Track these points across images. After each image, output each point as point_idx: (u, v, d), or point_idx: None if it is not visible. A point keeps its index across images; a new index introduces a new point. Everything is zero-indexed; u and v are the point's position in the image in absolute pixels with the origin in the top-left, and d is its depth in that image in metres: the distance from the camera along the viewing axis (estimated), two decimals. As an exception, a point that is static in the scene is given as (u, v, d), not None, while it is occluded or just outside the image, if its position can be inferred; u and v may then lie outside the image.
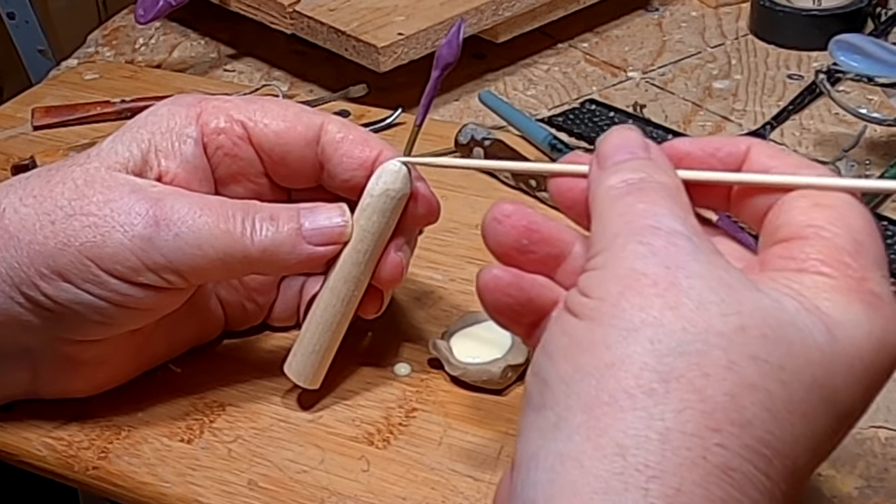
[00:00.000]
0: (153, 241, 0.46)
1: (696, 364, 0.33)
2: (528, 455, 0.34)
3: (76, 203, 0.47)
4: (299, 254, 0.48)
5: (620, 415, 0.33)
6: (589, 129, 0.70)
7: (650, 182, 0.38)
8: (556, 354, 0.35)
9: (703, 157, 0.41)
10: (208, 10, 0.87)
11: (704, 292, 0.34)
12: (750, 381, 0.33)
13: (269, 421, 0.51)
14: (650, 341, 0.33)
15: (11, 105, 0.80)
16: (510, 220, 0.42)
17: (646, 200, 0.37)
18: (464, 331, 0.54)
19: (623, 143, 0.40)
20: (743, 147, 0.41)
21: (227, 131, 0.50)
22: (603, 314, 0.35)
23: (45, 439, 0.51)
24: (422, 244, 0.61)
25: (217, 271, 0.48)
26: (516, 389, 0.52)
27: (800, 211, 0.38)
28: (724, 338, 0.33)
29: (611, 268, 0.36)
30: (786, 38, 0.84)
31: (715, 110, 0.77)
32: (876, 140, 0.72)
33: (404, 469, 0.49)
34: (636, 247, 0.36)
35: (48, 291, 0.46)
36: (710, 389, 0.33)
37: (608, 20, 0.89)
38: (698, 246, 0.36)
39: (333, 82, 0.82)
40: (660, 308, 0.34)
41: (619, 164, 0.39)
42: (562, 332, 0.36)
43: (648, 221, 0.36)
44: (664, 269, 0.35)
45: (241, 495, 0.48)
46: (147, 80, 0.82)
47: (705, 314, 0.34)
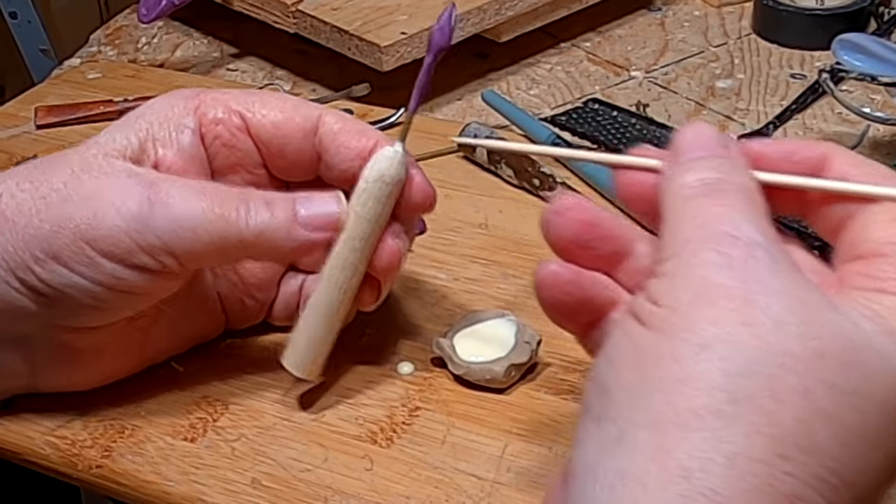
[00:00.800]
0: (148, 222, 0.46)
1: (768, 387, 0.31)
2: (586, 467, 0.33)
3: (72, 186, 0.47)
4: (294, 239, 0.48)
5: (687, 435, 0.31)
6: (592, 129, 0.70)
7: (729, 183, 0.36)
8: (620, 364, 0.34)
9: (779, 159, 0.39)
10: (211, 9, 0.87)
11: (783, 312, 0.32)
12: (825, 411, 0.31)
13: (273, 420, 0.51)
14: (722, 359, 0.32)
15: (14, 104, 0.80)
16: (571, 213, 0.40)
17: (723, 204, 0.35)
18: (467, 330, 0.54)
19: (701, 139, 0.38)
20: (821, 152, 0.39)
21: (224, 122, 0.50)
22: (672, 325, 0.33)
23: (48, 438, 0.51)
24: (425, 243, 0.62)
25: (211, 255, 0.48)
26: (519, 388, 0.52)
27: (880, 226, 0.36)
28: (802, 363, 0.32)
29: (682, 276, 0.34)
30: (789, 38, 0.84)
31: (718, 110, 0.77)
32: (879, 139, 0.72)
33: (408, 468, 0.49)
34: (711, 255, 0.34)
35: (43, 275, 0.46)
36: (782, 414, 0.31)
37: (611, 19, 0.89)
38: (777, 259, 0.34)
39: (336, 81, 0.82)
40: (734, 324, 0.32)
41: (695, 160, 0.37)
42: (627, 340, 0.34)
43: (725, 228, 0.34)
44: (741, 282, 0.33)
45: (244, 494, 0.48)
46: (150, 80, 0.82)
47: (783, 336, 0.32)
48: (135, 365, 0.53)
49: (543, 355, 0.53)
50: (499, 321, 0.54)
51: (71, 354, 0.50)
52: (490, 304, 0.57)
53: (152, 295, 0.49)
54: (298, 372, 0.51)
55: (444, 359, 0.53)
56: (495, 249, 0.62)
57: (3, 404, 0.52)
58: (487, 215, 0.65)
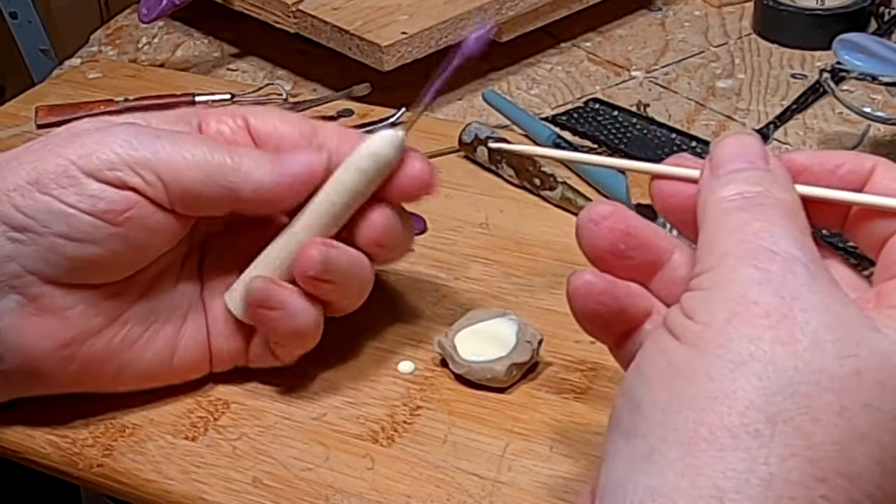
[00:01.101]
0: (132, 143, 0.48)
1: (805, 407, 0.31)
2: (615, 484, 0.32)
3: (63, 132, 0.49)
4: (276, 174, 0.48)
5: (721, 454, 0.31)
6: (592, 129, 0.70)
7: (768, 197, 0.36)
8: (652, 379, 0.33)
9: (823, 173, 0.38)
10: (211, 9, 0.87)
11: (820, 329, 0.32)
12: (862, 431, 0.31)
13: (274, 419, 0.51)
14: (758, 377, 0.31)
15: (15, 104, 0.80)
16: (608, 221, 0.39)
17: (762, 218, 0.35)
18: (468, 329, 0.54)
19: (741, 151, 0.37)
20: (868, 165, 0.38)
21: (227, 122, 0.52)
22: (708, 342, 0.33)
23: (49, 437, 0.51)
24: (426, 243, 0.62)
25: (196, 182, 0.48)
26: (520, 388, 0.52)
27: None
28: (839, 382, 0.31)
29: (719, 291, 0.34)
30: (789, 38, 0.84)
31: (718, 109, 0.77)
32: (880, 139, 0.72)
33: (409, 467, 0.49)
34: (749, 271, 0.33)
35: (20, 203, 0.47)
36: (819, 436, 0.31)
37: (611, 19, 0.89)
38: (816, 275, 0.33)
39: (337, 81, 0.82)
40: (771, 342, 0.32)
41: (735, 172, 0.37)
42: (660, 354, 0.34)
43: (764, 243, 0.34)
44: (779, 298, 0.32)
45: (245, 493, 0.48)
46: (150, 80, 0.82)
47: (820, 354, 0.32)
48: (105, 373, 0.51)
49: (544, 354, 0.53)
50: (500, 320, 0.54)
51: (39, 317, 0.48)
52: (491, 304, 0.57)
53: (134, 230, 0.48)
54: (237, 313, 0.51)
55: (445, 358, 0.53)
56: (496, 249, 0.62)
57: (4, 405, 0.52)
58: (488, 215, 0.65)
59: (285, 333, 0.50)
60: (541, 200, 0.66)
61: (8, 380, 0.50)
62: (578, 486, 0.47)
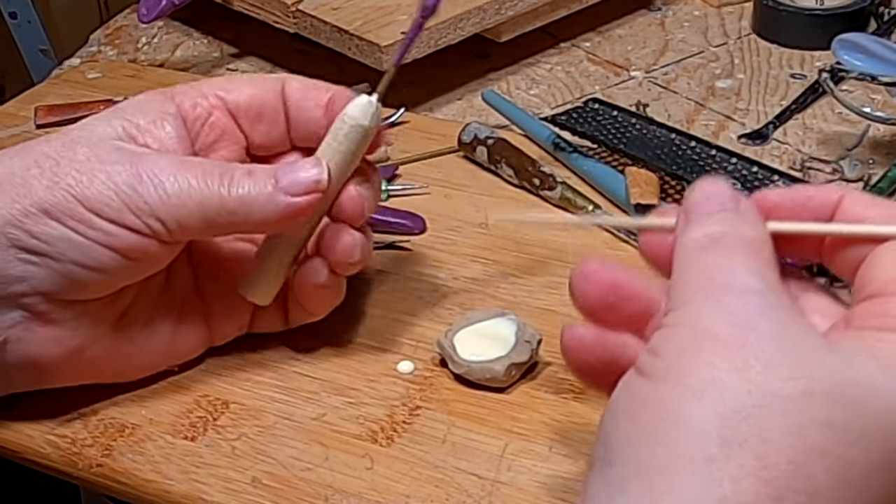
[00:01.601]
0: (136, 189, 0.48)
1: (758, 429, 0.32)
2: None
3: (63, 154, 0.49)
4: (277, 204, 0.49)
5: (679, 480, 0.32)
6: (592, 129, 0.70)
7: (731, 236, 0.37)
8: (619, 413, 0.35)
9: (794, 207, 0.40)
10: (211, 9, 0.87)
11: (774, 354, 0.33)
12: (818, 447, 0.32)
13: (273, 419, 0.51)
14: (713, 404, 0.33)
15: (14, 104, 0.80)
16: (596, 276, 0.41)
17: (723, 255, 0.37)
18: (467, 329, 0.54)
19: (710, 195, 0.39)
20: (835, 197, 0.40)
21: (201, 104, 0.52)
22: (668, 374, 0.34)
23: (48, 436, 0.51)
24: (425, 243, 0.62)
25: (198, 223, 0.48)
26: (520, 387, 0.52)
27: (885, 267, 0.37)
28: (791, 402, 0.32)
29: (680, 326, 0.35)
30: (788, 38, 0.84)
31: (718, 109, 0.77)
32: (879, 139, 0.72)
33: (408, 467, 0.49)
34: (708, 305, 0.35)
35: (35, 230, 0.47)
36: (773, 456, 0.32)
37: (611, 19, 0.89)
38: (772, 303, 0.35)
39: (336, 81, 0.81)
40: (726, 370, 0.33)
41: (703, 216, 0.39)
42: (627, 390, 0.35)
43: (724, 278, 0.36)
44: (735, 328, 0.34)
45: (245, 493, 0.48)
46: (150, 80, 0.82)
47: (772, 377, 0.33)
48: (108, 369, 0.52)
49: (544, 354, 0.53)
50: (499, 320, 0.54)
51: (46, 328, 0.49)
52: (490, 304, 0.57)
53: (148, 261, 0.49)
54: (257, 300, 0.52)
55: (444, 358, 0.53)
56: (495, 249, 0.62)
57: (4, 404, 0.52)
58: (488, 215, 0.65)
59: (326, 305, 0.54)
60: (540, 200, 0.66)
61: (10, 379, 0.50)
62: (577, 486, 0.47)
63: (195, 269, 0.54)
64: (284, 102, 0.53)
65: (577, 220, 0.54)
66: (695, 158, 0.65)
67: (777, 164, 0.69)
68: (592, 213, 0.57)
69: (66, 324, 0.49)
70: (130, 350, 0.52)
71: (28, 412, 0.52)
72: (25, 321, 0.48)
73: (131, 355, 0.52)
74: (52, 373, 0.50)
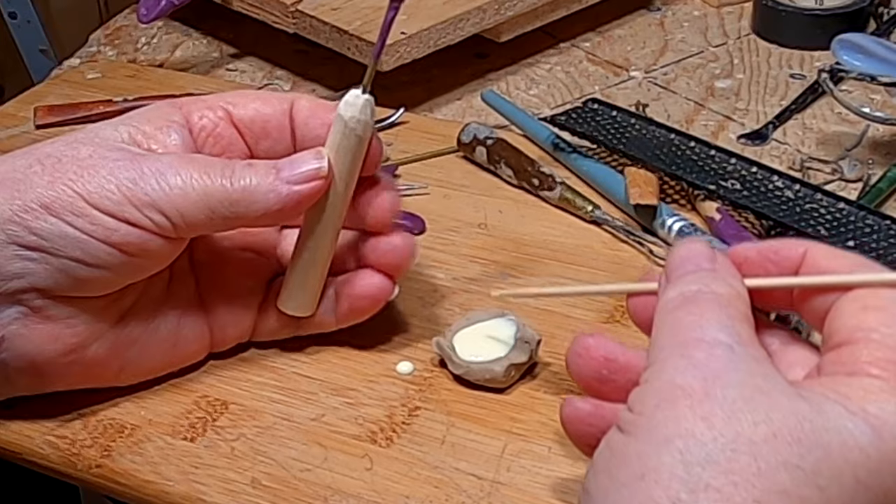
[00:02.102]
0: (137, 182, 0.48)
1: (724, 472, 0.33)
2: None
3: (66, 152, 0.49)
4: (278, 193, 0.49)
5: None
6: (591, 129, 0.70)
7: (704, 293, 0.39)
8: (597, 468, 0.37)
9: (761, 261, 0.42)
10: (210, 9, 0.87)
11: (738, 401, 0.35)
12: (781, 488, 0.33)
13: (272, 419, 0.51)
14: (680, 451, 0.34)
15: (14, 104, 0.80)
16: (589, 352, 0.43)
17: (694, 312, 0.38)
18: (467, 329, 0.54)
19: (688, 256, 0.41)
20: (800, 250, 0.41)
21: (208, 115, 0.52)
22: (639, 427, 0.36)
23: (48, 437, 0.51)
24: (425, 243, 0.62)
25: (201, 215, 0.48)
26: (519, 388, 0.52)
27: (850, 315, 0.38)
28: (754, 445, 0.34)
29: (653, 382, 0.37)
30: (788, 38, 0.84)
31: (717, 110, 0.77)
32: (879, 139, 0.72)
33: (407, 467, 0.49)
34: (677, 360, 0.37)
35: (33, 225, 0.47)
36: (739, 497, 0.33)
37: (610, 20, 0.89)
38: (739, 355, 0.36)
39: (336, 81, 0.82)
40: (692, 419, 0.35)
41: (681, 277, 0.40)
42: (607, 447, 0.37)
43: (694, 334, 0.37)
44: (701, 380, 0.36)
45: (244, 494, 0.48)
46: (149, 80, 0.82)
47: (736, 422, 0.34)
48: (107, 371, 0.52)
49: (543, 355, 0.53)
50: (498, 321, 0.54)
51: (44, 325, 0.49)
52: (490, 304, 0.57)
53: (148, 258, 0.49)
54: (301, 312, 0.53)
55: (443, 358, 0.53)
56: (495, 249, 0.62)
57: (3, 404, 0.52)
58: (487, 215, 0.65)
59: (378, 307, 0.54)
60: (539, 201, 0.66)
61: (10, 380, 0.50)
62: (576, 487, 0.47)
63: (197, 277, 0.54)
64: (292, 121, 0.52)
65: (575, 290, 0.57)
66: (694, 159, 0.65)
67: (776, 165, 0.69)
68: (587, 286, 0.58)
69: (65, 321, 0.49)
70: (131, 354, 0.52)
71: (28, 412, 0.52)
72: (23, 318, 0.48)
73: (131, 359, 0.52)
74: (52, 374, 0.50)
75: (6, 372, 0.49)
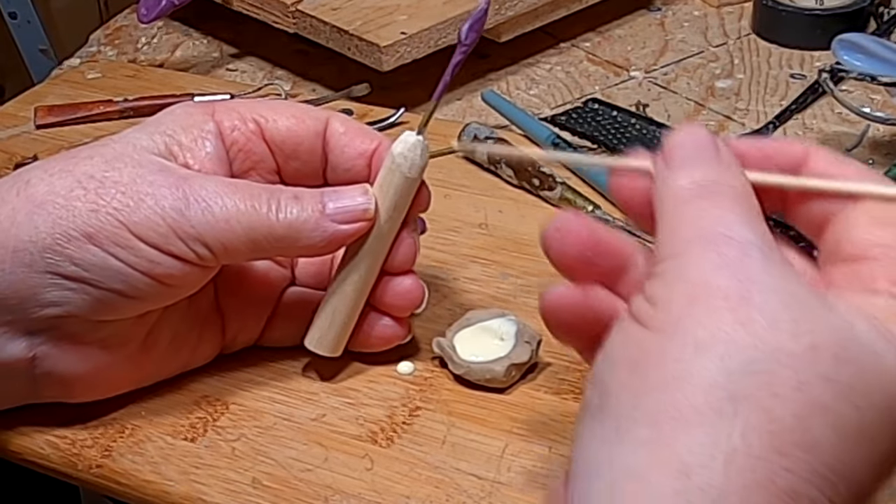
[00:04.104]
0: (183, 213, 0.47)
1: (765, 384, 0.32)
2: (587, 464, 0.34)
3: (108, 174, 0.47)
4: (324, 231, 0.48)
5: (686, 431, 0.32)
6: (592, 129, 0.70)
7: (722, 185, 0.37)
8: (620, 363, 0.35)
9: (761, 158, 0.40)
10: (211, 9, 0.87)
11: (777, 309, 0.33)
12: (821, 403, 0.32)
13: (273, 419, 0.51)
14: (720, 358, 0.32)
15: (14, 104, 0.80)
16: (573, 231, 0.41)
17: (718, 206, 0.36)
18: (467, 329, 0.54)
19: (692, 141, 0.38)
20: (802, 151, 0.40)
21: (240, 128, 0.51)
22: (671, 325, 0.34)
23: (48, 437, 0.51)
24: (425, 243, 0.61)
25: (244, 247, 0.48)
26: (520, 388, 0.52)
27: (863, 229, 0.37)
28: (796, 358, 0.32)
29: (680, 277, 0.35)
30: (788, 38, 0.84)
31: (717, 109, 0.77)
32: (879, 139, 0.72)
33: (408, 468, 0.49)
34: (708, 256, 0.34)
35: (74, 255, 0.46)
36: (779, 410, 0.32)
37: (610, 20, 0.89)
38: (771, 258, 0.35)
39: (336, 81, 0.82)
40: (731, 323, 0.33)
41: (688, 163, 0.38)
42: (627, 340, 0.35)
43: (721, 229, 0.35)
44: (737, 281, 0.34)
45: (244, 494, 0.48)
46: (149, 80, 0.82)
47: (777, 332, 0.33)
48: (129, 381, 0.52)
49: (543, 355, 0.53)
50: (499, 321, 0.54)
51: (76, 347, 0.49)
52: (490, 304, 0.57)
53: (182, 287, 0.49)
54: (327, 352, 0.52)
55: (444, 359, 0.53)
56: (495, 249, 0.62)
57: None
58: (487, 215, 0.65)
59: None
60: (540, 201, 0.66)
61: (38, 392, 0.50)
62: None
63: (216, 284, 0.53)
64: (325, 142, 0.51)
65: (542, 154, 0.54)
66: (694, 159, 0.65)
67: (777, 165, 0.69)
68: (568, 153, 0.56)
69: (97, 342, 0.49)
70: (153, 366, 0.52)
71: (28, 413, 0.52)
72: (55, 339, 0.48)
73: (151, 373, 0.52)
74: (80, 388, 0.50)
75: (35, 386, 0.50)
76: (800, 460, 0.32)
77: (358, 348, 0.53)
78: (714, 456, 0.31)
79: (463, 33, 0.52)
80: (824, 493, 0.32)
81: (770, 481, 0.31)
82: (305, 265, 0.55)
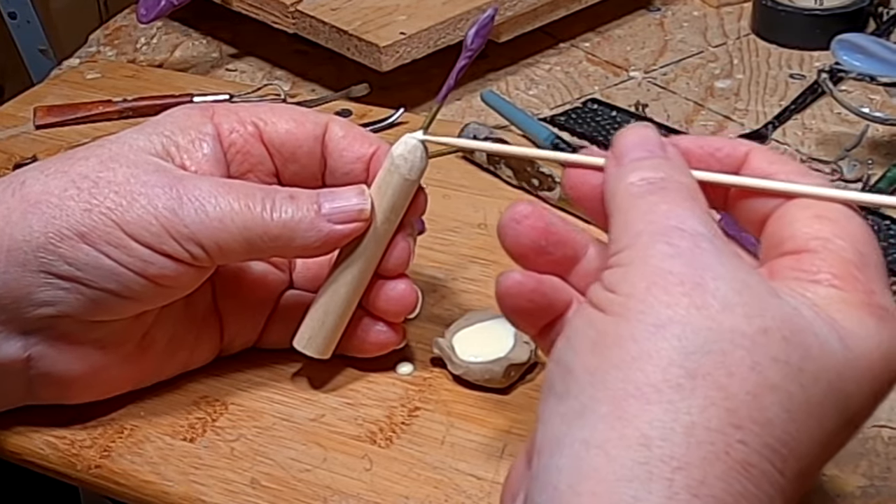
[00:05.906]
0: (177, 212, 0.47)
1: (721, 363, 0.34)
2: (550, 441, 0.35)
3: (102, 174, 0.48)
4: (319, 230, 0.48)
5: (647, 407, 0.33)
6: (591, 129, 0.70)
7: (671, 182, 0.39)
8: (581, 347, 0.36)
9: (703, 155, 0.42)
10: (210, 9, 0.87)
11: (729, 294, 0.35)
12: (771, 382, 0.34)
13: (272, 420, 0.51)
14: (677, 338, 0.34)
15: (13, 104, 0.80)
16: (528, 220, 0.43)
17: (668, 201, 0.38)
18: (466, 329, 0.54)
19: (640, 141, 0.40)
20: (743, 150, 0.42)
21: (238, 130, 0.51)
22: (630, 310, 0.35)
23: (47, 438, 0.51)
24: (424, 243, 0.62)
25: (239, 248, 0.48)
26: (519, 388, 0.52)
27: (804, 223, 0.39)
28: (749, 339, 0.34)
29: (637, 265, 0.36)
30: (787, 38, 0.84)
31: (717, 110, 0.77)
32: (878, 139, 0.72)
33: (407, 468, 0.49)
34: (662, 247, 0.36)
35: (68, 254, 0.46)
36: (734, 388, 0.34)
37: (610, 20, 0.89)
38: (722, 249, 0.36)
39: (335, 82, 0.82)
40: (686, 306, 0.35)
41: (637, 161, 0.40)
42: (587, 325, 0.36)
43: (672, 222, 0.37)
44: (691, 269, 0.35)
45: (243, 494, 0.48)
46: (149, 80, 0.82)
47: (730, 315, 0.34)
48: (126, 382, 0.52)
49: (542, 355, 0.53)
50: (498, 321, 0.54)
51: (72, 344, 0.49)
52: (489, 304, 0.57)
53: (176, 288, 0.49)
54: (317, 354, 0.51)
55: (443, 359, 0.53)
56: (494, 249, 0.61)
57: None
58: (486, 215, 0.65)
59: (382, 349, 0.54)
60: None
61: (34, 394, 0.50)
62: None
63: (215, 286, 0.53)
64: (324, 146, 0.51)
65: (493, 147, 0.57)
66: (694, 159, 0.65)
67: (776, 165, 0.69)
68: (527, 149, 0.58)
69: (92, 343, 0.49)
70: (150, 368, 0.52)
71: (27, 413, 0.52)
72: (50, 339, 0.48)
73: (151, 371, 0.52)
74: (76, 389, 0.50)
75: (31, 387, 0.50)
76: (753, 434, 0.33)
77: (352, 354, 0.53)
78: (674, 429, 0.33)
79: (469, 38, 0.52)
80: (775, 466, 0.34)
81: (726, 454, 0.33)
82: (303, 268, 0.55)
